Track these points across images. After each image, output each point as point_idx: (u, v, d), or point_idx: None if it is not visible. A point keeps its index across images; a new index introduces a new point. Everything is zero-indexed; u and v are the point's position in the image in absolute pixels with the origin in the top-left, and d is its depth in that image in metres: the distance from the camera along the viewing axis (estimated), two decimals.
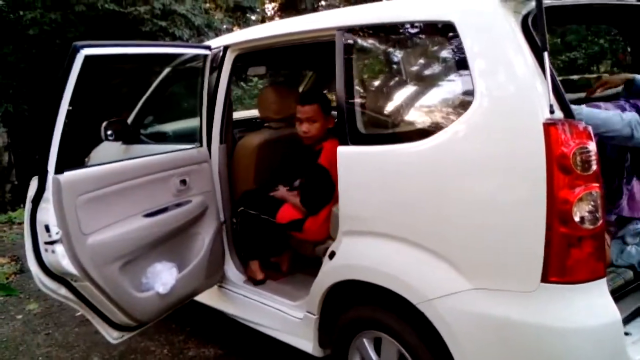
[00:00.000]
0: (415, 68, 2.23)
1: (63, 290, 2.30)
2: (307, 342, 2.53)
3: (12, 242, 5.67)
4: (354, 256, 2.26)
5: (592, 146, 1.69)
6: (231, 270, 2.99)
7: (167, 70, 3.39)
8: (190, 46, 3.19)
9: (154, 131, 3.80)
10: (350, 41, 2.26)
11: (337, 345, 2.42)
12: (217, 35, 9.95)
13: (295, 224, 2.82)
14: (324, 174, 2.66)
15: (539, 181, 1.68)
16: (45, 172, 2.13)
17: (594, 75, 8.19)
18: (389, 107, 2.32)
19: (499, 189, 1.79)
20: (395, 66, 2.31)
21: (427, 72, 2.17)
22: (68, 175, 2.19)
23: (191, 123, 3.54)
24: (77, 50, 2.10)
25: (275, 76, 5.59)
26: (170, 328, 3.46)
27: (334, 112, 2.51)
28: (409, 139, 2.03)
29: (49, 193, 2.14)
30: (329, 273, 2.36)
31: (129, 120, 3.53)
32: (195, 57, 2.96)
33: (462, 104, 1.92)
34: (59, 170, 2.16)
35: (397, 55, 2.28)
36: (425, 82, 2.17)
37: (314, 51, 3.46)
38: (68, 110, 2.14)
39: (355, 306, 2.34)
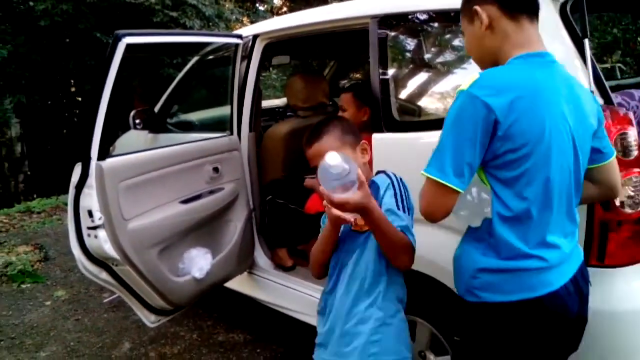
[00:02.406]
0: (450, 57, 2.26)
1: (104, 275, 2.35)
2: None
3: (33, 230, 5.72)
4: None
5: (632, 132, 1.72)
6: (261, 257, 3.03)
7: (194, 59, 3.42)
8: (223, 35, 3.20)
9: (180, 120, 3.83)
10: (385, 29, 2.28)
11: None
12: (227, 26, 9.99)
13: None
14: None
15: None
16: (89, 158, 2.17)
17: (607, 65, 8.17)
18: (423, 95, 2.34)
19: None
20: (430, 55, 2.33)
21: (462, 60, 2.19)
22: (110, 161, 2.23)
23: (217, 112, 3.57)
24: (119, 38, 2.13)
25: (296, 66, 5.61)
26: (198, 313, 3.52)
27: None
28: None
29: (92, 179, 2.18)
30: None
31: (156, 109, 3.56)
32: (224, 47, 3.00)
33: None
34: (101, 156, 2.20)
35: (433, 43, 2.30)
36: (461, 71, 2.20)
37: (339, 40, 3.51)
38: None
39: None
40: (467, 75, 1.63)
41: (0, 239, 5.31)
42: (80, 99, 10.88)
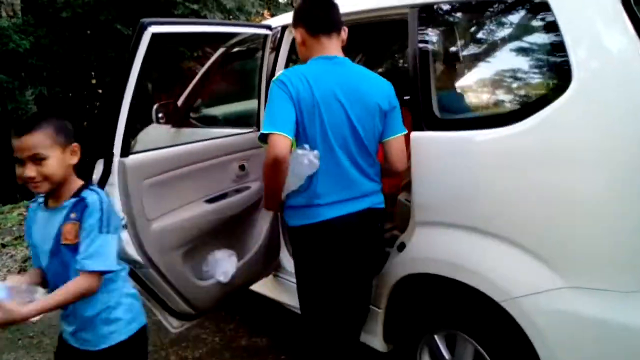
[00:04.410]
0: (501, 49, 2.08)
1: None
2: (371, 337, 2.43)
3: None
4: (429, 249, 2.13)
5: None
6: (287, 259, 2.89)
7: (219, 52, 3.29)
8: (252, 25, 3.08)
9: (204, 114, 3.71)
10: (427, 20, 2.12)
11: (405, 341, 2.31)
12: (247, 19, 9.86)
13: None
14: None
15: None
16: (111, 155, 2.04)
17: None
18: (470, 90, 2.18)
19: (599, 180, 1.66)
20: (477, 47, 2.17)
21: (514, 53, 2.02)
22: (134, 158, 2.11)
23: (243, 106, 3.45)
24: (144, 27, 1.99)
25: None
26: (220, 316, 3.40)
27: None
28: (494, 124, 1.89)
29: (114, 177, 2.06)
30: (399, 265, 2.25)
31: (179, 103, 3.44)
32: (251, 38, 2.86)
33: (556, 88, 1.78)
34: (124, 153, 2.07)
35: (480, 34, 2.14)
36: (513, 65, 2.03)
37: (370, 32, 3.35)
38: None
39: (427, 301, 2.22)
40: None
41: (19, 233, 5.24)
42: (101, 91, 10.85)
